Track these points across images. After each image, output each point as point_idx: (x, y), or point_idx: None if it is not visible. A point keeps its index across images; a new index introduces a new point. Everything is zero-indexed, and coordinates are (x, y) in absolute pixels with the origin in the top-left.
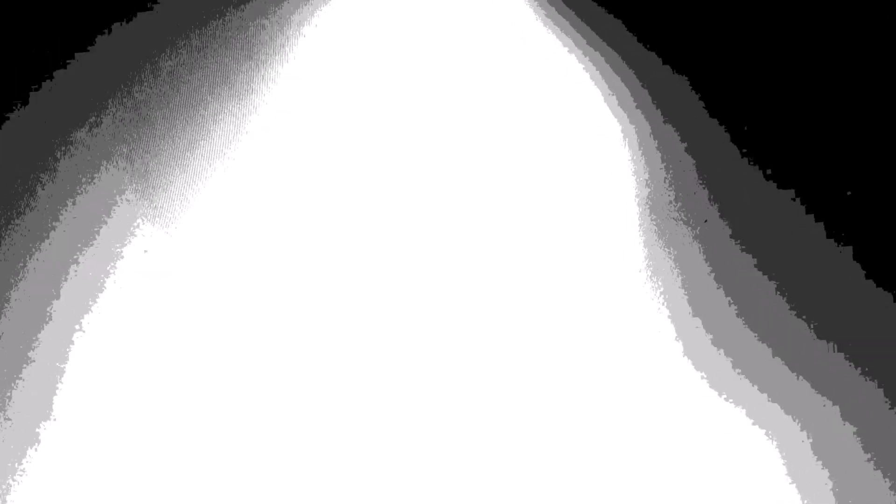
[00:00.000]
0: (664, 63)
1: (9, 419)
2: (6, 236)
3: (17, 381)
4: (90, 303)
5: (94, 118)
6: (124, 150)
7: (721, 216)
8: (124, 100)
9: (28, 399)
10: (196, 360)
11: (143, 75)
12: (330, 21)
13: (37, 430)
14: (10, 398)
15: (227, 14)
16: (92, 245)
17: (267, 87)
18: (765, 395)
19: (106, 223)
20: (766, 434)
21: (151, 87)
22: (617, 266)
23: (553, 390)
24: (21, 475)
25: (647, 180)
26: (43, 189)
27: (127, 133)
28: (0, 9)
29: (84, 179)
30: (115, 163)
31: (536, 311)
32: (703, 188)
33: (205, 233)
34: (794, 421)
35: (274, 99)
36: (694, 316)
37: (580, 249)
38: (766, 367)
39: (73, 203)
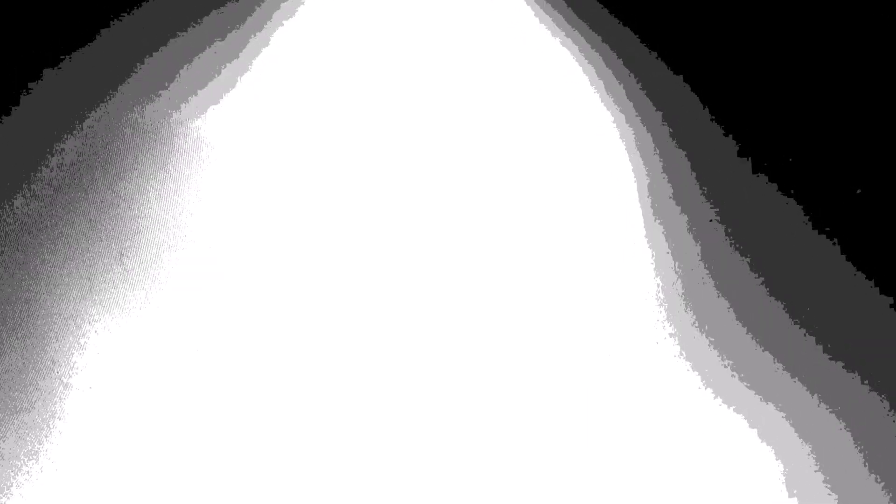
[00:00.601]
0: (663, 61)
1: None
2: None
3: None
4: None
5: (92, 111)
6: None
7: (718, 217)
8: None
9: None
10: (192, 367)
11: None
12: (315, 15)
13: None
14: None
15: (207, 16)
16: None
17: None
18: (761, 399)
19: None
20: (763, 438)
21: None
22: (614, 266)
23: (548, 393)
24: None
25: (645, 180)
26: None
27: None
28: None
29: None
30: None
31: (529, 313)
32: (701, 190)
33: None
34: (792, 425)
35: (261, 97)
36: (692, 317)
37: (576, 249)
38: (764, 371)
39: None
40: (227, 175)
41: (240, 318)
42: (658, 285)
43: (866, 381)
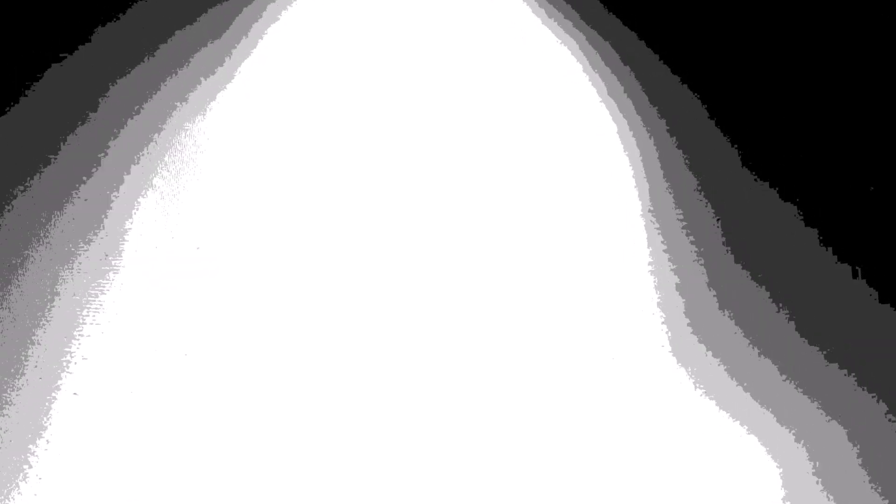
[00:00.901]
0: (664, 63)
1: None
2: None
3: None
4: (90, 300)
5: (85, 114)
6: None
7: (719, 220)
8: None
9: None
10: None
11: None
12: (307, 14)
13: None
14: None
15: (201, 14)
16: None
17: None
18: (759, 405)
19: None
20: (761, 443)
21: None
22: (612, 270)
23: (551, 397)
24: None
25: (645, 183)
26: (38, 185)
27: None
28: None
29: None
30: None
31: (531, 317)
32: (701, 192)
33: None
34: (790, 430)
35: (250, 97)
36: (692, 321)
37: (578, 252)
38: (764, 377)
39: (70, 200)
40: (219, 175)
41: (230, 320)
42: (659, 289)
43: (865, 386)
